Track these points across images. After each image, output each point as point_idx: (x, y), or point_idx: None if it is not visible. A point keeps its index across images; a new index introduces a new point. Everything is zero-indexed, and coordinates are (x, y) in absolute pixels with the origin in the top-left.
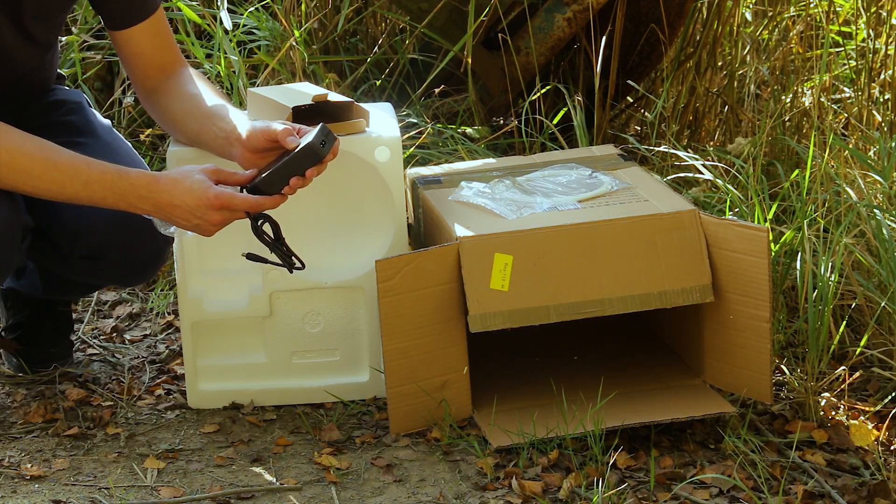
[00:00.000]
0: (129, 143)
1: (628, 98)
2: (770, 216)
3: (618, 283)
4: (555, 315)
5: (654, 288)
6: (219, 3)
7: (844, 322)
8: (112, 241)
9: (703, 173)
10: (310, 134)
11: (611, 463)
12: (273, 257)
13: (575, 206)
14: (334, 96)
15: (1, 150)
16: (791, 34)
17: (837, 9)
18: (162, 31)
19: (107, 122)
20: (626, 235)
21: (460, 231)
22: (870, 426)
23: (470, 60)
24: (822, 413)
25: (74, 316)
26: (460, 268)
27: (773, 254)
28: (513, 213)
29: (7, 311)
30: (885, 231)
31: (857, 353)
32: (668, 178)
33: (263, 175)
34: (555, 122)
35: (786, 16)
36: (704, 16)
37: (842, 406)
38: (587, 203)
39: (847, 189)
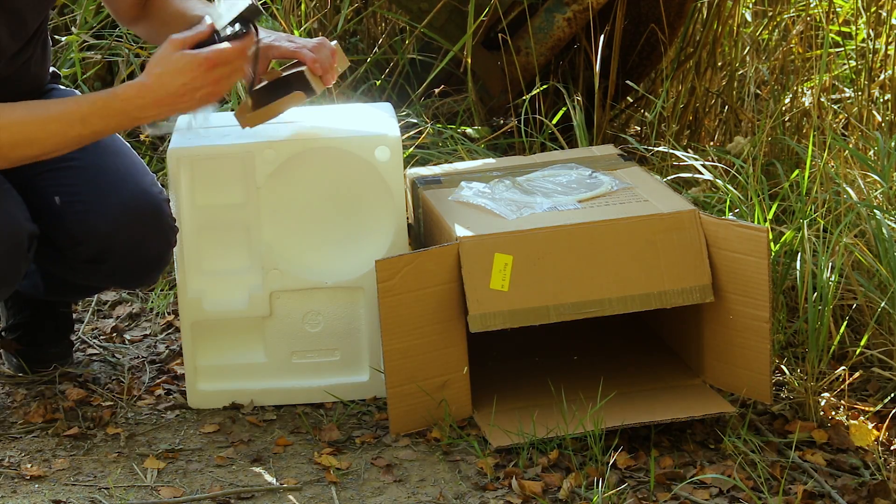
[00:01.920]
0: (129, 144)
1: (628, 98)
2: (770, 216)
3: (618, 283)
4: (555, 315)
5: (654, 288)
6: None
7: (845, 322)
8: (115, 246)
9: (702, 173)
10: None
11: (611, 463)
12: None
13: (575, 206)
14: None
15: None
16: (791, 34)
17: (837, 9)
18: None
19: None
20: (625, 235)
21: (460, 231)
22: (870, 426)
23: (470, 60)
24: (822, 413)
25: (74, 316)
26: (460, 268)
27: (772, 254)
28: (513, 213)
29: (7, 311)
30: (885, 231)
31: (857, 353)
32: (668, 178)
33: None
34: (554, 121)
35: (786, 16)
36: (704, 16)
37: (842, 406)
38: (587, 203)
39: (847, 189)
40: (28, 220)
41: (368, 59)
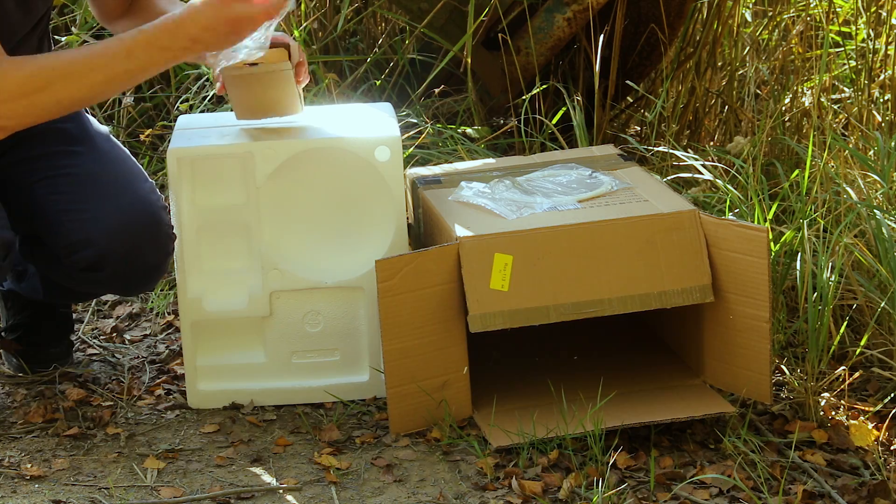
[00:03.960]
0: (127, 150)
1: (628, 98)
2: (770, 216)
3: (618, 283)
4: (555, 315)
5: (654, 288)
6: None
7: (845, 322)
8: (111, 255)
9: (702, 173)
10: None
11: (611, 463)
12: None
13: (575, 206)
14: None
15: (43, 68)
16: (791, 34)
17: (837, 9)
18: None
19: (104, 128)
20: (625, 235)
21: (460, 231)
22: (870, 426)
23: (470, 60)
24: (822, 413)
25: (74, 316)
26: (460, 268)
27: (772, 254)
28: (513, 213)
29: (7, 312)
30: (885, 231)
31: (857, 353)
32: (668, 178)
33: None
34: (554, 122)
35: (786, 16)
36: (704, 16)
37: (842, 406)
38: (587, 203)
39: (847, 189)
40: (5, 228)
41: (368, 59)
